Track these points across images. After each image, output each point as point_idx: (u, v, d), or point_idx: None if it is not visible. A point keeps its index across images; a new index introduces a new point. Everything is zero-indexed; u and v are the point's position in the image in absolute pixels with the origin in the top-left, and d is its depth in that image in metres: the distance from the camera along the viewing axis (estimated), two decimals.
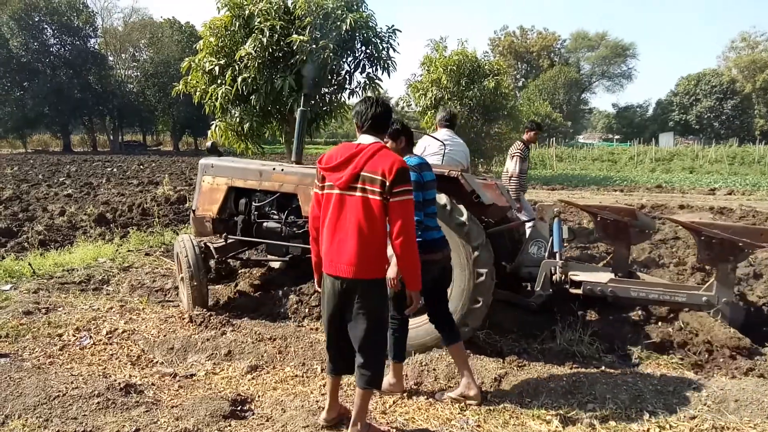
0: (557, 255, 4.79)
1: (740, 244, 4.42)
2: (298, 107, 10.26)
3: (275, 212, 5.59)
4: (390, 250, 3.05)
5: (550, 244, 4.92)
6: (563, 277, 4.78)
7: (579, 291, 4.79)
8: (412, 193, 3.00)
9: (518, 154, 7.51)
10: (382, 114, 3.14)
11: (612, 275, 4.99)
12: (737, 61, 59.70)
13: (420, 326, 4.19)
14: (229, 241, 5.68)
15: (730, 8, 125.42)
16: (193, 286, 5.30)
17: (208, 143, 6.26)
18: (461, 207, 4.21)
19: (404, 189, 2.95)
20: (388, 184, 2.91)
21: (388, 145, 3.37)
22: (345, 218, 2.98)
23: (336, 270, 3.01)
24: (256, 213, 5.57)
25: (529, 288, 5.09)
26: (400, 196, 2.94)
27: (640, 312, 5.09)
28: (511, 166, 7.51)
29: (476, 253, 4.16)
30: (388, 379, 3.78)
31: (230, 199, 5.67)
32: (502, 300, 5.00)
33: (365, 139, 3.09)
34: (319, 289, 3.28)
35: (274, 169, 5.39)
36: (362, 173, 2.95)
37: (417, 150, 5.58)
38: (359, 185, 2.95)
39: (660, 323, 4.83)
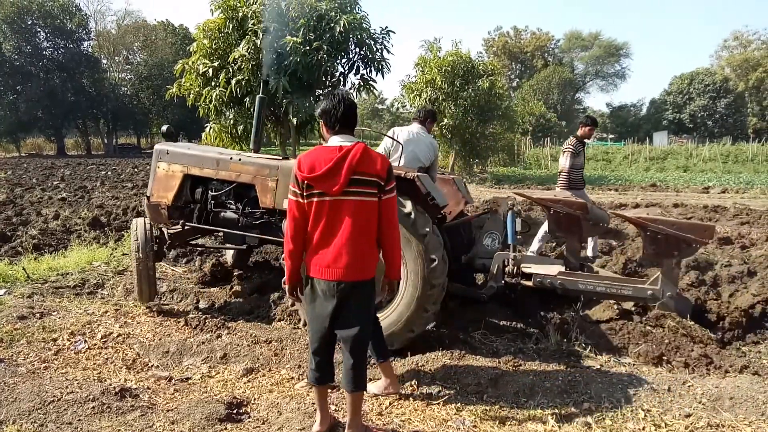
0: (511, 247, 4.94)
1: (685, 240, 4.52)
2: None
3: (232, 202, 5.53)
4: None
5: (503, 236, 5.07)
6: (515, 269, 4.90)
7: (530, 283, 4.92)
8: (396, 188, 3.14)
9: (569, 149, 7.42)
10: (351, 109, 3.13)
11: (562, 268, 5.09)
12: (730, 60, 59.92)
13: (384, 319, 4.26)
14: (186, 228, 5.59)
15: (723, 7, 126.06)
16: (139, 259, 5.21)
17: (164, 128, 6.09)
18: (405, 200, 4.22)
19: (393, 185, 3.11)
20: (383, 183, 3.02)
21: (322, 130, 3.46)
22: (341, 223, 2.98)
23: (334, 274, 2.99)
24: (212, 202, 5.50)
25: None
26: (390, 193, 3.10)
27: (635, 312, 5.11)
28: (561, 161, 7.49)
29: (425, 240, 4.19)
30: (381, 381, 3.78)
31: (186, 187, 5.55)
32: (456, 293, 5.09)
33: (343, 141, 3.05)
34: (292, 297, 3.22)
35: (231, 158, 5.30)
36: (355, 177, 2.96)
37: (379, 150, 5.65)
38: (354, 189, 2.97)
39: (655, 324, 4.85)
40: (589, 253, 7.34)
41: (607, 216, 5.50)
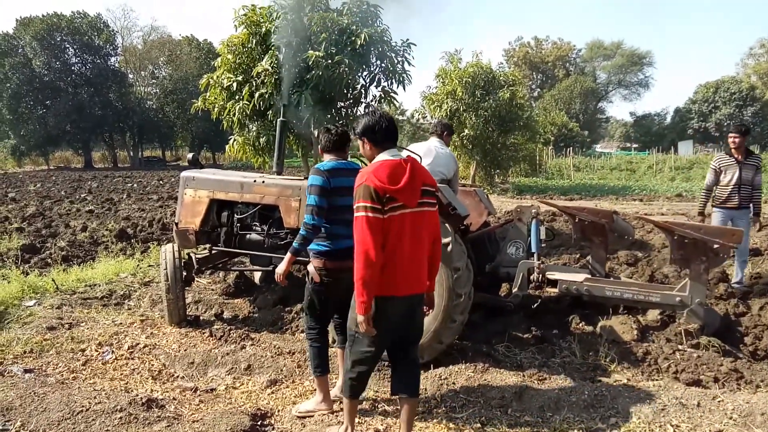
0: (535, 255, 4.96)
1: (715, 246, 4.42)
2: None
3: (257, 224, 5.64)
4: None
5: (527, 244, 5.08)
6: (540, 277, 4.90)
7: (556, 290, 4.90)
8: None
9: (712, 165, 6.56)
10: (393, 123, 3.15)
11: (588, 275, 5.05)
12: (756, 68, 58.89)
13: None
14: (213, 252, 5.76)
15: (749, 15, 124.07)
16: (169, 299, 5.37)
17: (189, 155, 6.34)
18: (446, 225, 4.23)
19: None
20: (438, 194, 3.22)
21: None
22: (417, 235, 3.00)
23: (413, 288, 3.04)
24: (238, 225, 5.62)
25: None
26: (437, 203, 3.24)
27: (662, 325, 5.02)
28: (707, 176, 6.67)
29: (457, 275, 4.21)
30: (315, 398, 3.77)
31: (212, 212, 5.70)
32: (482, 303, 5.09)
33: (395, 155, 3.03)
34: (371, 328, 2.96)
35: (255, 181, 5.43)
36: (424, 188, 3.03)
37: None
38: (425, 200, 3.05)
39: (683, 337, 4.76)
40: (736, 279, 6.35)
41: (631, 229, 5.43)
